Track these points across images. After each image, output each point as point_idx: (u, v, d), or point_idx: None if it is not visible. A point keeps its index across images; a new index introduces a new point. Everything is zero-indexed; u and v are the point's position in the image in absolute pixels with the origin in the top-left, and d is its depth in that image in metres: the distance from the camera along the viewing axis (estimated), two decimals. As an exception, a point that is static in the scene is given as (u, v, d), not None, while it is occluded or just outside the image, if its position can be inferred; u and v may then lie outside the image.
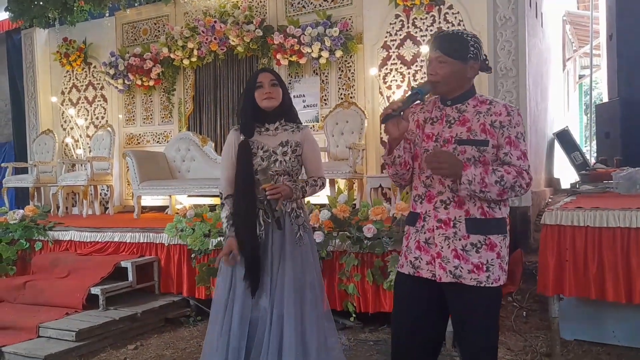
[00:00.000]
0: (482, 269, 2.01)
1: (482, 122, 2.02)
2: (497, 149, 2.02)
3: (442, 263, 2.04)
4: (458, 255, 2.02)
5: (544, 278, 3.08)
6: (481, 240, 2.01)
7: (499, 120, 2.01)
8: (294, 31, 5.66)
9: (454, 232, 2.03)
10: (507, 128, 2.01)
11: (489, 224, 2.03)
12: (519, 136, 2.02)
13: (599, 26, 8.03)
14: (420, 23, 5.35)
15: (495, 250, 2.02)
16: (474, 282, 2.01)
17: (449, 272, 2.03)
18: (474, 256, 2.01)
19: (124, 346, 3.78)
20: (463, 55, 2.02)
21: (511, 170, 1.97)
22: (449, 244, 2.03)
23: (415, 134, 2.15)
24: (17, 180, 6.86)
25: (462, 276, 2.01)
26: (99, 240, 4.80)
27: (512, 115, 2.02)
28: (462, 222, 2.02)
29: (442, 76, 2.03)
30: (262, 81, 2.51)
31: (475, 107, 2.06)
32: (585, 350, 3.30)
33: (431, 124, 2.11)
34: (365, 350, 3.53)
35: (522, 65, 4.74)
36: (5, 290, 4.49)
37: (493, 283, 2.02)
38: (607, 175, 4.29)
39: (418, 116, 2.17)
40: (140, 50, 6.66)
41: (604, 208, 2.97)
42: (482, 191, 1.94)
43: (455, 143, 2.01)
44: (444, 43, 2.04)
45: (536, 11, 5.60)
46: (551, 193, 6.56)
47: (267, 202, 2.43)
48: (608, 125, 5.98)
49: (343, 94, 5.75)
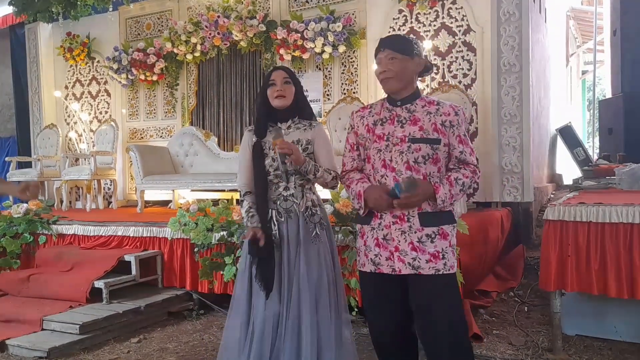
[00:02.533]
0: (439, 257, 2.15)
1: (433, 121, 2.17)
2: (449, 147, 2.20)
3: (400, 256, 2.16)
4: (415, 248, 2.15)
5: (546, 273, 3.09)
6: (435, 231, 2.16)
7: (449, 120, 2.18)
8: (297, 26, 5.66)
9: (409, 225, 2.16)
10: (456, 127, 2.19)
11: (440, 216, 2.18)
12: (466, 133, 2.23)
13: (603, 22, 8.00)
14: (424, 18, 5.34)
15: (448, 238, 2.18)
16: (433, 270, 2.13)
17: (407, 264, 2.15)
18: (429, 246, 2.14)
19: (127, 339, 3.80)
20: (409, 51, 2.20)
21: (467, 172, 2.18)
22: (405, 238, 2.16)
23: (366, 137, 2.27)
24: (21, 175, 6.88)
25: (421, 267, 2.14)
26: (102, 234, 4.82)
27: (459, 115, 2.20)
28: (416, 217, 2.16)
29: (395, 72, 2.18)
30: (275, 79, 2.49)
31: (424, 107, 2.22)
32: (587, 346, 3.30)
33: (381, 125, 2.24)
34: (367, 345, 3.53)
35: (525, 61, 4.73)
36: (10, 283, 4.52)
37: (450, 270, 2.16)
38: (610, 171, 4.30)
39: (367, 120, 2.29)
40: (144, 45, 6.66)
41: (607, 204, 2.97)
42: (452, 203, 2.17)
43: (409, 142, 2.15)
44: (391, 42, 2.23)
45: (540, 7, 5.59)
46: (554, 189, 6.56)
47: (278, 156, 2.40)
48: (611, 121, 5.98)
49: (346, 89, 5.75)
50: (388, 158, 2.18)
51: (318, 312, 2.44)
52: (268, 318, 2.43)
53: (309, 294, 2.42)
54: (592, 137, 9.83)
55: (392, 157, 2.17)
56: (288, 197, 2.49)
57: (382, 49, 2.21)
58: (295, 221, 2.48)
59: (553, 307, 3.18)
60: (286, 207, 2.49)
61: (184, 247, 4.41)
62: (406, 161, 2.15)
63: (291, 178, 2.49)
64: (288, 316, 2.42)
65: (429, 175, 2.16)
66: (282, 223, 2.49)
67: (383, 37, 2.29)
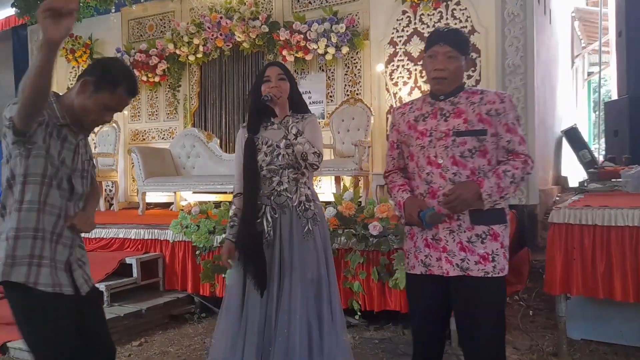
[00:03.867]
0: (488, 259, 2.04)
1: (477, 112, 2.05)
2: (497, 137, 2.06)
3: (448, 257, 2.07)
4: (464, 248, 2.05)
5: (551, 277, 3.06)
6: (485, 231, 2.05)
7: (494, 108, 2.05)
8: (300, 27, 5.63)
9: (458, 224, 2.06)
10: (502, 115, 2.05)
11: (492, 214, 2.06)
12: (515, 121, 2.07)
13: (608, 23, 7.95)
14: (428, 19, 5.31)
15: (499, 240, 2.07)
16: (482, 272, 2.03)
17: (455, 266, 2.05)
18: (479, 247, 2.04)
19: (129, 342, 3.78)
20: (466, 50, 2.08)
21: (517, 163, 2.03)
22: (454, 238, 2.06)
23: (407, 134, 2.18)
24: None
25: (469, 268, 2.04)
26: (103, 236, 4.80)
27: (505, 102, 2.06)
28: (466, 214, 2.05)
29: (450, 72, 2.05)
30: (270, 75, 2.48)
31: (467, 98, 2.10)
32: (592, 350, 3.27)
33: (423, 120, 2.14)
34: (370, 349, 3.51)
35: (530, 62, 4.70)
36: (11, 285, 4.50)
37: (499, 273, 2.06)
38: (615, 174, 4.26)
39: (408, 116, 2.20)
40: (146, 46, 6.65)
41: (613, 207, 2.94)
42: (502, 197, 2.02)
43: (454, 135, 2.05)
44: (454, 38, 2.06)
45: (544, 8, 5.55)
46: (559, 191, 6.51)
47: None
48: (617, 123, 5.93)
49: (349, 91, 5.73)
50: (432, 154, 2.08)
51: (311, 309, 2.40)
52: (261, 316, 2.40)
53: (301, 291, 2.39)
54: (597, 139, 9.78)
55: (437, 152, 2.07)
56: (282, 192, 2.45)
57: (442, 43, 2.04)
58: (288, 216, 2.45)
59: (558, 311, 3.15)
60: (280, 202, 2.45)
61: (186, 249, 4.39)
62: (452, 156, 2.05)
63: (284, 172, 2.45)
64: (279, 313, 2.39)
65: (477, 169, 2.04)
66: (275, 219, 2.46)
67: (442, 29, 2.14)
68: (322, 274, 2.48)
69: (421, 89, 5.27)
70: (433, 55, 2.07)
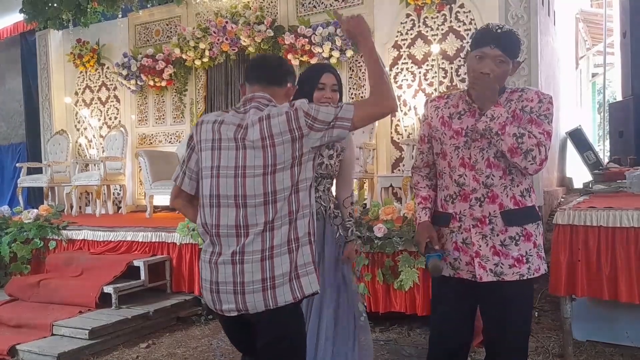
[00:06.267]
0: (523, 261, 1.99)
1: (513, 108, 1.99)
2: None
3: (481, 262, 2.01)
4: (497, 252, 1.99)
5: (556, 278, 3.06)
6: (519, 232, 2.00)
7: (530, 106, 1.98)
8: (305, 31, 5.67)
9: (490, 228, 2.00)
10: (534, 113, 1.97)
11: (523, 213, 2.01)
12: (542, 117, 1.97)
13: (613, 24, 7.95)
14: (432, 22, 5.33)
15: (532, 239, 2.01)
16: (517, 276, 1.99)
17: (489, 271, 2.00)
18: (513, 250, 1.99)
19: (136, 344, 3.81)
20: (517, 54, 2.00)
21: (533, 137, 1.92)
22: (486, 242, 2.01)
23: (440, 131, 2.10)
24: (32, 180, 6.94)
25: (504, 273, 1.99)
26: (111, 239, 4.84)
27: (543, 102, 1.98)
28: (498, 217, 1.99)
29: (496, 76, 1.97)
30: (325, 83, 2.36)
31: (507, 98, 2.02)
32: (598, 351, 3.27)
33: (458, 119, 2.06)
34: (376, 350, 3.52)
35: (534, 64, 4.70)
36: (20, 289, 4.55)
37: (534, 274, 2.01)
38: (620, 175, 4.25)
39: (442, 112, 2.11)
40: (153, 51, 6.70)
41: (618, 208, 2.94)
42: (497, 133, 1.91)
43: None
44: (507, 42, 1.95)
45: (548, 9, 5.56)
46: (564, 193, 6.50)
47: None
48: (622, 124, 5.92)
49: (354, 94, 5.75)
50: (467, 156, 2.01)
51: (338, 310, 2.42)
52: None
53: (330, 291, 2.41)
54: (602, 140, 9.75)
55: (472, 154, 2.00)
56: (317, 200, 2.41)
57: (492, 46, 1.94)
58: (321, 222, 2.43)
59: (563, 313, 3.16)
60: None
61: (193, 252, 4.42)
62: (487, 158, 1.98)
63: (322, 181, 2.44)
64: (309, 311, 2.38)
65: (509, 167, 1.98)
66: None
67: (496, 29, 1.96)
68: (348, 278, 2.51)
69: (425, 92, 5.29)
70: (481, 57, 1.96)
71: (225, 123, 1.81)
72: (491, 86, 1.94)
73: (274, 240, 1.73)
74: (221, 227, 1.76)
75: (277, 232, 1.73)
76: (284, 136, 1.73)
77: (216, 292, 1.77)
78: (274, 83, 1.88)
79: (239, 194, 1.74)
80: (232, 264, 1.74)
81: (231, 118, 1.82)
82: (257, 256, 1.72)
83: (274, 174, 1.73)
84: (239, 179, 1.74)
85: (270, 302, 1.72)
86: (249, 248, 1.72)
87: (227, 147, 1.78)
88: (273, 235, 1.73)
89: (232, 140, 1.77)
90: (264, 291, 1.72)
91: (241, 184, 1.74)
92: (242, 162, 1.75)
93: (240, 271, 1.73)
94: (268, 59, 2.01)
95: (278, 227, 1.73)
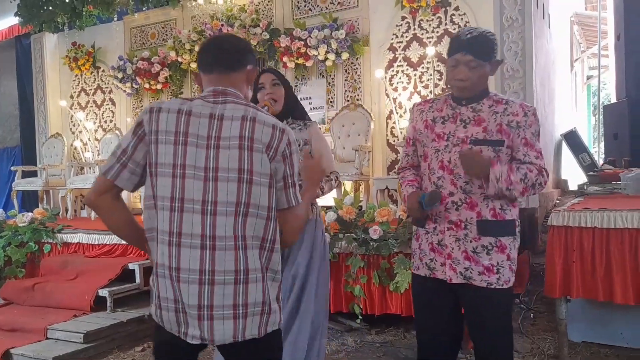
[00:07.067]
0: (493, 270, 2.01)
1: (498, 122, 2.00)
2: (512, 150, 2.02)
3: (452, 264, 2.04)
4: (469, 257, 2.02)
5: (551, 280, 3.06)
6: (492, 242, 2.02)
7: (516, 121, 2.01)
8: (301, 34, 5.67)
9: (464, 233, 2.03)
10: (523, 129, 2.01)
11: (500, 225, 2.03)
12: (534, 137, 2.02)
13: (607, 27, 7.98)
14: (427, 25, 5.34)
15: (506, 252, 2.03)
16: (484, 283, 2.01)
17: (459, 274, 2.03)
18: (484, 258, 2.01)
19: (132, 348, 3.80)
20: (490, 56, 2.01)
21: (532, 168, 1.98)
22: (459, 246, 2.03)
23: (423, 134, 2.13)
24: (27, 184, 6.91)
25: (472, 277, 2.02)
26: (106, 242, 4.83)
27: (528, 116, 2.02)
28: (474, 224, 2.01)
29: (473, 81, 2.00)
30: (264, 82, 2.50)
31: (491, 106, 2.04)
32: (593, 352, 3.28)
33: (442, 123, 2.09)
34: (372, 352, 3.52)
35: (529, 66, 4.72)
36: (15, 292, 4.53)
37: (503, 285, 2.03)
38: (615, 176, 4.26)
39: (426, 115, 2.14)
40: (148, 54, 6.70)
41: (612, 209, 2.95)
42: (508, 189, 1.96)
43: (471, 143, 2.00)
44: (476, 46, 1.97)
45: (543, 12, 5.58)
46: (559, 194, 6.53)
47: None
48: (616, 126, 5.94)
49: (349, 96, 5.76)
50: (447, 159, 2.04)
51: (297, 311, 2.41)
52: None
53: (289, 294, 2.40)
54: (597, 142, 9.79)
55: (451, 158, 2.03)
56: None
57: (464, 52, 1.97)
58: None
59: (559, 314, 3.16)
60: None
61: (188, 255, 4.40)
62: None
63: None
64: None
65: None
66: None
67: (464, 36, 1.99)
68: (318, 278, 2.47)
69: (420, 94, 5.31)
70: (455, 65, 2.01)
71: (193, 115, 1.56)
72: (474, 163, 1.97)
73: (247, 262, 1.52)
74: (183, 235, 1.51)
75: (250, 253, 1.53)
76: (264, 147, 1.56)
77: (182, 311, 1.53)
78: (232, 68, 1.65)
79: (208, 199, 1.51)
80: (198, 284, 1.50)
81: (200, 108, 1.58)
82: (229, 277, 1.50)
83: (250, 183, 1.53)
84: (209, 183, 1.51)
85: (239, 333, 1.52)
86: (219, 267, 1.50)
87: (194, 144, 1.53)
88: (247, 256, 1.52)
89: (204, 137, 1.54)
90: (235, 319, 1.51)
91: (212, 188, 1.51)
92: (213, 163, 1.52)
93: (209, 292, 1.50)
94: (222, 41, 1.75)
95: (251, 248, 1.53)
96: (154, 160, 1.55)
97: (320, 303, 2.51)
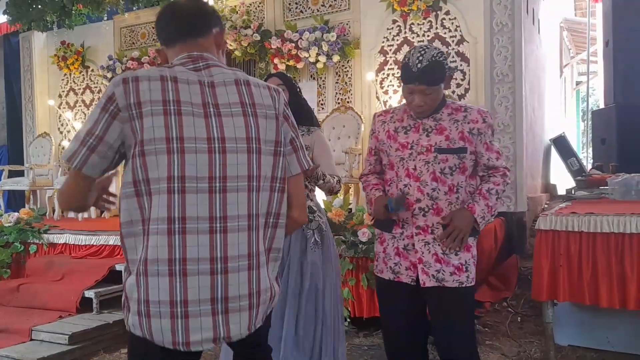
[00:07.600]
0: (462, 269, 2.10)
1: (460, 130, 2.09)
2: (476, 155, 2.13)
3: (424, 268, 2.10)
4: (439, 259, 2.09)
5: (538, 283, 3.08)
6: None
7: (477, 128, 2.10)
8: (292, 36, 5.67)
9: (432, 237, 2.10)
10: (484, 135, 2.12)
11: None
12: (493, 139, 2.16)
13: (596, 33, 8.05)
14: (418, 28, 5.36)
15: (471, 250, 2.14)
16: (456, 283, 2.09)
17: (432, 277, 2.10)
18: (454, 259, 2.09)
19: (117, 350, 3.76)
20: (443, 77, 2.07)
21: (497, 179, 2.13)
22: (429, 249, 2.11)
23: (386, 144, 2.20)
24: (13, 183, 6.85)
25: (445, 279, 2.09)
26: (94, 243, 4.78)
27: (487, 121, 2.13)
28: (440, 228, 2.09)
29: (430, 105, 2.08)
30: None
31: (450, 114, 2.13)
32: (579, 356, 3.29)
33: (404, 133, 2.15)
34: (360, 355, 3.51)
35: (518, 71, 4.75)
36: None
37: (471, 282, 2.13)
38: (602, 181, 4.29)
39: (388, 126, 2.21)
40: (138, 54, 6.67)
41: (599, 213, 2.96)
42: (492, 214, 2.13)
43: (436, 152, 2.08)
44: (428, 75, 2.02)
45: (533, 18, 5.62)
46: (547, 199, 6.56)
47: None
48: (604, 132, 5.99)
49: (340, 99, 5.76)
50: (412, 167, 2.10)
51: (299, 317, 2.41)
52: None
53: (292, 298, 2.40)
54: (586, 147, 9.87)
55: (417, 165, 2.09)
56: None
57: (417, 83, 2.02)
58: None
59: (545, 317, 3.17)
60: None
61: (176, 256, 4.38)
62: (432, 172, 2.08)
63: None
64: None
65: (456, 186, 2.09)
66: None
67: (415, 67, 2.01)
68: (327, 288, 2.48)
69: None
70: (409, 92, 2.07)
71: (180, 81, 1.36)
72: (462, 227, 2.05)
73: (259, 244, 1.37)
74: (188, 220, 1.30)
75: (261, 233, 1.38)
76: (268, 110, 1.43)
77: (182, 316, 1.31)
78: (198, 34, 1.46)
79: (215, 175, 1.33)
80: (210, 274, 1.31)
81: (185, 74, 1.39)
82: (243, 263, 1.34)
83: (259, 153, 1.38)
84: (215, 155, 1.32)
85: (253, 324, 1.38)
86: (233, 252, 1.33)
87: (190, 113, 1.33)
88: (258, 236, 1.37)
89: (199, 105, 1.36)
90: (250, 309, 1.36)
91: (219, 161, 1.33)
92: (217, 133, 1.34)
93: (222, 283, 1.32)
94: (180, 7, 1.50)
95: (262, 227, 1.39)
96: (139, 137, 1.31)
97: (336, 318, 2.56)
